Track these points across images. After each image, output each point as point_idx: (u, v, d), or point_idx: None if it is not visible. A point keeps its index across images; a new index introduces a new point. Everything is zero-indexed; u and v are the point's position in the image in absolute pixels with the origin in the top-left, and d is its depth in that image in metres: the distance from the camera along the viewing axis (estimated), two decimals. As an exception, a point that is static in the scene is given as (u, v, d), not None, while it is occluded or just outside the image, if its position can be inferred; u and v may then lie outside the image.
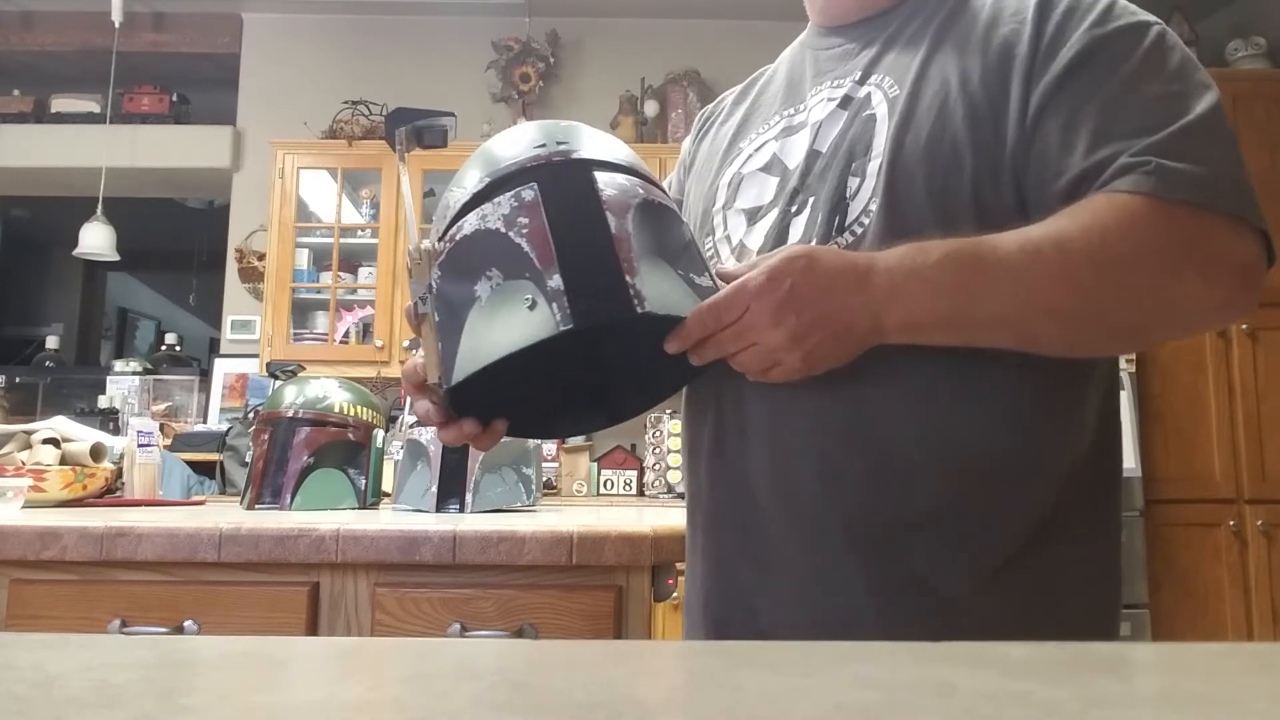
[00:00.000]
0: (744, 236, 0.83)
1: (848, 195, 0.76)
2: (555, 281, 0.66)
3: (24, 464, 1.45)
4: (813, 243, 0.75)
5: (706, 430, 0.84)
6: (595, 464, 3.45)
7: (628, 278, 0.67)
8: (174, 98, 4.07)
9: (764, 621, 0.77)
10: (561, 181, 0.71)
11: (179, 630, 1.07)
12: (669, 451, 3.31)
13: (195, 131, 4.03)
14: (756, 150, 0.87)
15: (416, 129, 0.88)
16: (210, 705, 0.27)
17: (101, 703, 0.27)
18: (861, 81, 0.81)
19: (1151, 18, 0.74)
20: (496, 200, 0.70)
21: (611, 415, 0.83)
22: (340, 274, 3.54)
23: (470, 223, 0.71)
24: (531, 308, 0.66)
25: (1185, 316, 0.70)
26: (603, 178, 0.71)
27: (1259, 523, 3.02)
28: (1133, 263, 0.65)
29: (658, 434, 3.36)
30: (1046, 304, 0.66)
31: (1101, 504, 0.76)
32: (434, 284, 0.72)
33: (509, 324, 0.66)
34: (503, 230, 0.69)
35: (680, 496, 3.24)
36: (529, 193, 0.69)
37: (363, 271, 3.59)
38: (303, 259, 3.55)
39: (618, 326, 0.71)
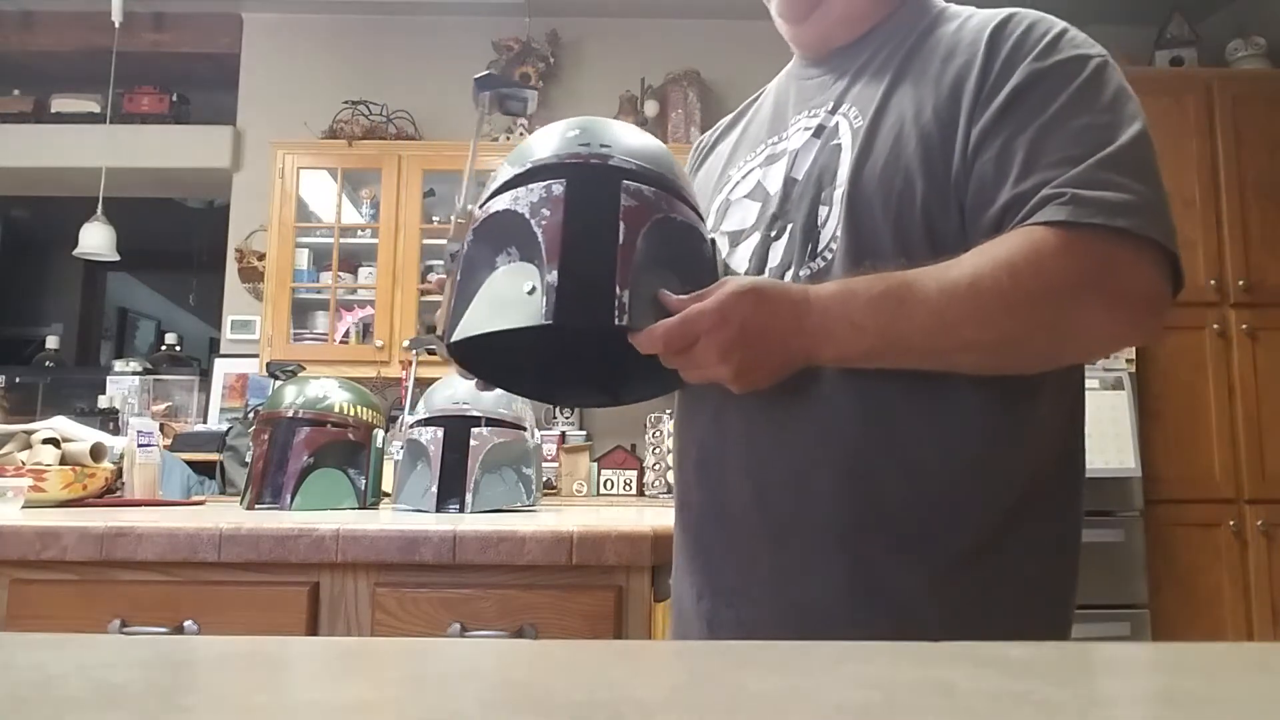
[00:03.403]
0: (728, 257, 0.88)
1: (819, 223, 0.81)
2: (552, 277, 0.72)
3: (24, 464, 1.45)
4: (790, 268, 0.82)
5: (693, 435, 0.89)
6: (595, 464, 3.45)
7: (618, 289, 0.72)
8: (174, 98, 4.07)
9: (747, 617, 0.82)
10: (590, 183, 0.76)
11: (179, 630, 1.07)
12: (669, 452, 3.31)
13: (195, 131, 4.03)
14: (743, 178, 0.92)
15: (500, 95, 0.98)
16: (210, 705, 0.27)
17: (101, 703, 0.27)
18: (833, 111, 0.87)
19: (1096, 50, 0.79)
20: (530, 186, 0.76)
21: (613, 398, 0.88)
22: (340, 274, 3.54)
23: (504, 200, 0.77)
24: (531, 293, 0.72)
25: (1088, 343, 0.75)
26: (630, 188, 0.76)
27: (1259, 523, 3.02)
28: (1040, 298, 0.70)
29: (657, 434, 3.36)
30: (962, 340, 0.72)
31: (1059, 509, 0.80)
32: (465, 245, 0.79)
33: (509, 302, 0.73)
34: (527, 216, 0.75)
35: (680, 496, 3.25)
36: (558, 187, 0.75)
37: (363, 271, 3.59)
38: (303, 259, 3.55)
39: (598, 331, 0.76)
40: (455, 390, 1.48)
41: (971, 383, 0.75)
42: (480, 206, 0.80)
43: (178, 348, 4.23)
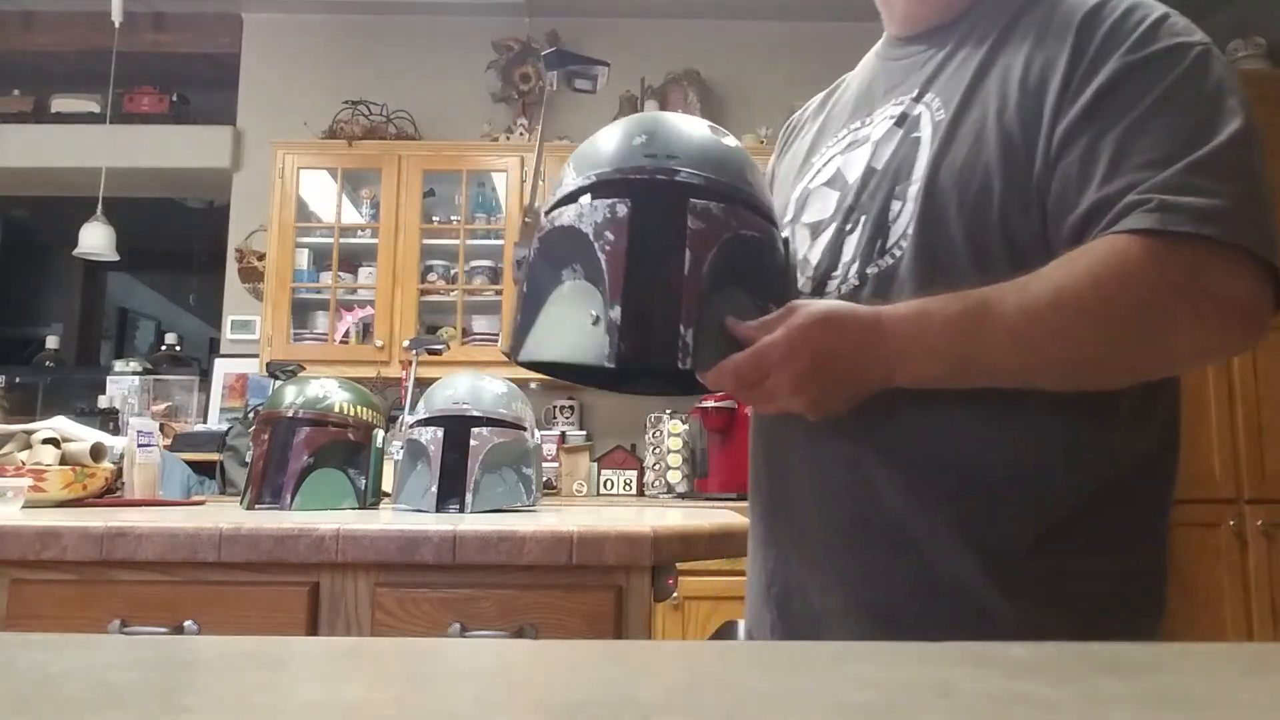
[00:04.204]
0: (807, 251, 0.86)
1: (890, 219, 0.79)
2: (615, 314, 0.71)
3: (24, 464, 1.45)
4: (855, 265, 0.79)
5: (762, 427, 0.91)
6: (595, 464, 3.45)
7: (682, 328, 0.71)
8: (174, 98, 4.06)
9: (817, 607, 0.82)
10: (654, 205, 0.73)
11: (179, 630, 1.07)
12: (669, 451, 3.31)
13: (195, 131, 4.02)
14: (825, 164, 0.89)
15: (569, 73, 0.96)
16: (210, 705, 0.27)
17: (101, 703, 0.27)
18: (918, 99, 0.83)
19: (1197, 37, 0.73)
20: (595, 203, 0.74)
21: (683, 388, 0.87)
22: (340, 274, 3.54)
23: (569, 215, 0.75)
24: (595, 323, 0.72)
25: (1179, 357, 0.72)
26: (697, 208, 0.73)
27: (1259, 523, 3.02)
28: (1127, 312, 0.67)
29: (658, 434, 3.35)
30: (1046, 359, 0.69)
31: (1136, 513, 0.76)
32: (531, 254, 0.78)
33: (573, 330, 0.74)
34: (590, 238, 0.73)
35: (680, 496, 3.25)
36: (622, 208, 0.73)
37: (363, 271, 3.59)
38: (303, 259, 3.55)
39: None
40: (455, 390, 1.48)
41: (1041, 391, 0.72)
42: (546, 213, 0.78)
43: (178, 348, 4.23)
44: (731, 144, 0.80)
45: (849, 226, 0.82)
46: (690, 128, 0.78)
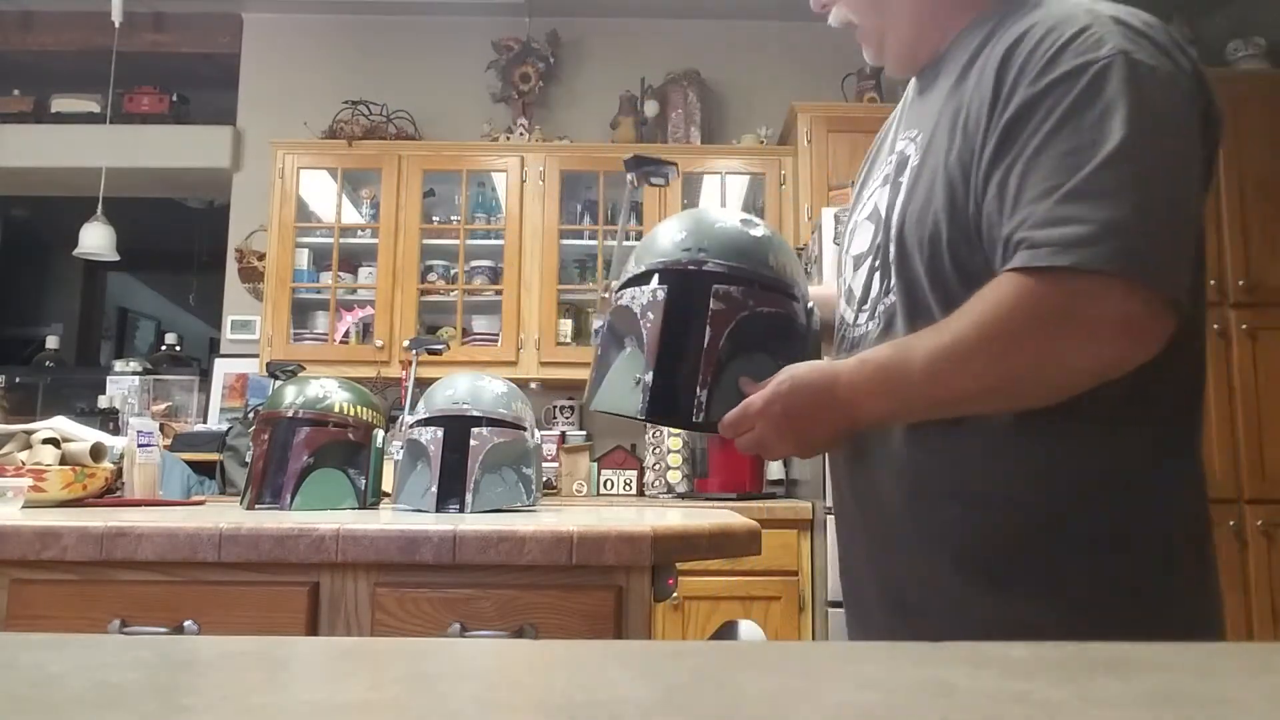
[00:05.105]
0: (851, 281, 0.97)
1: (890, 259, 0.88)
2: (649, 377, 0.93)
3: (24, 464, 1.45)
4: (880, 304, 0.89)
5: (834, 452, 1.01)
6: (595, 464, 3.45)
7: (699, 390, 0.91)
8: (174, 98, 4.06)
9: (865, 594, 0.94)
10: (686, 290, 0.93)
11: (179, 630, 1.07)
12: (669, 452, 3.31)
13: (195, 131, 4.02)
14: (869, 198, 0.98)
15: (644, 172, 1.31)
16: (210, 705, 0.27)
17: (101, 703, 0.27)
18: (914, 137, 0.91)
19: (1105, 50, 0.73)
20: (642, 288, 0.96)
21: (710, 430, 1.01)
22: (340, 274, 3.54)
23: (628, 296, 0.97)
24: (636, 385, 0.94)
25: (1081, 374, 0.74)
26: (720, 291, 0.92)
27: (1259, 523, 3.02)
28: (1013, 343, 0.73)
29: (657, 434, 3.35)
30: (960, 392, 0.77)
31: (1137, 505, 0.78)
32: (605, 323, 1.01)
33: (624, 389, 0.96)
34: (638, 316, 0.95)
35: (680, 496, 3.25)
36: (660, 293, 0.94)
37: (363, 271, 3.59)
38: (303, 259, 3.55)
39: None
40: (455, 390, 1.48)
41: (1062, 419, 0.76)
42: (616, 292, 1.00)
43: (178, 348, 4.23)
44: (758, 234, 0.97)
45: (878, 262, 0.91)
46: (723, 223, 0.97)
